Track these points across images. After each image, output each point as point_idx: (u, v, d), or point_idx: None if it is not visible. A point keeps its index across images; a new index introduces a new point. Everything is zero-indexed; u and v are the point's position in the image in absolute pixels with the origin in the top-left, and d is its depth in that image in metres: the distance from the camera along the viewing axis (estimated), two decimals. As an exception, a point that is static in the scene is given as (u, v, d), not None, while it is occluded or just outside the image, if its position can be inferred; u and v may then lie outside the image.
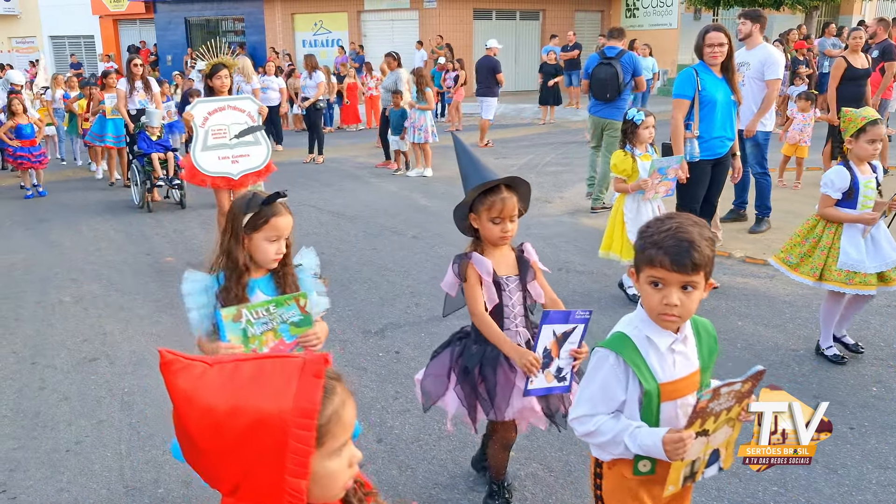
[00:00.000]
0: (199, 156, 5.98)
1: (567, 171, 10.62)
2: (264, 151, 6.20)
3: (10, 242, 7.53)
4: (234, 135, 6.02)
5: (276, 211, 2.36)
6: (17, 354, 4.61)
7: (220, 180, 6.05)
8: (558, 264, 6.08)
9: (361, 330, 4.84)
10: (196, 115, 5.95)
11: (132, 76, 9.55)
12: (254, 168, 6.17)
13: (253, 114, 6.14)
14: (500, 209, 2.53)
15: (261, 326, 2.23)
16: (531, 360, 2.45)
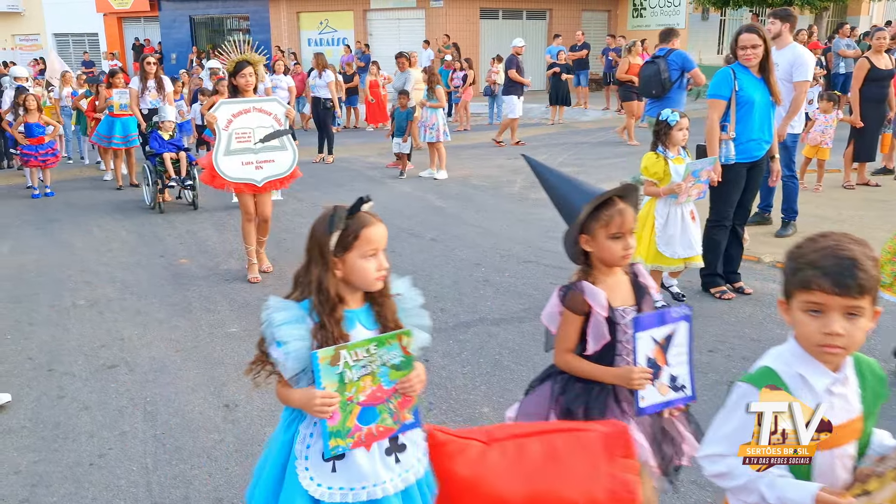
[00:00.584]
0: (221, 160, 5.60)
1: (582, 173, 10.46)
2: (290, 157, 5.81)
3: (20, 243, 7.39)
4: (259, 139, 5.65)
5: (365, 221, 2.00)
6: (33, 361, 4.47)
7: (242, 185, 5.71)
8: (584, 269, 5.93)
9: (387, 336, 4.70)
10: (219, 117, 5.55)
11: (145, 75, 9.35)
12: (279, 174, 5.77)
13: (280, 117, 5.74)
14: (620, 223, 2.21)
15: (359, 370, 1.92)
16: (639, 374, 2.12)
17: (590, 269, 2.33)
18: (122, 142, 10.05)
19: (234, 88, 5.64)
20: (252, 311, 5.22)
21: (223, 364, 4.35)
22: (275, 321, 1.97)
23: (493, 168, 11.19)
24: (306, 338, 1.94)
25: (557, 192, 2.39)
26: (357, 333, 2.00)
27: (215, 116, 5.54)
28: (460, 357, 4.34)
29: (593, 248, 2.28)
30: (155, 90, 9.32)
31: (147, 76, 9.37)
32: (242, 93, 5.62)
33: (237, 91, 5.63)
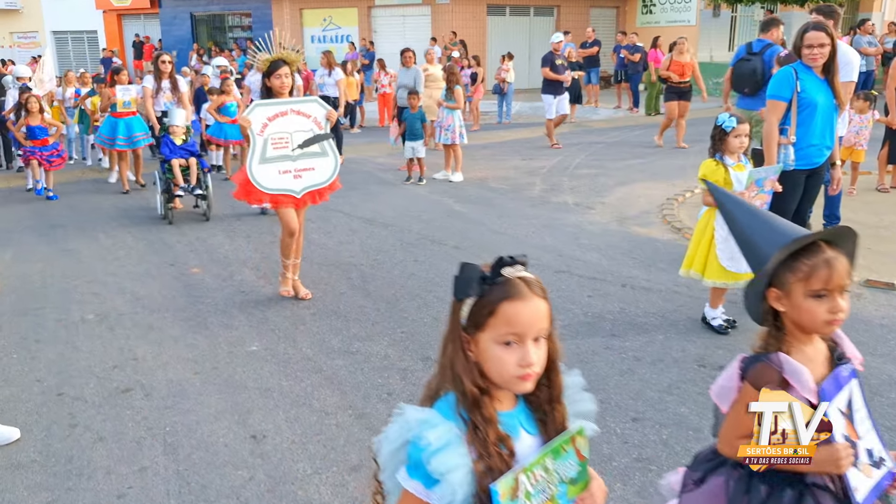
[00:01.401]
0: (256, 169, 4.98)
1: (602, 174, 10.16)
2: (331, 165, 5.22)
3: (23, 250, 7.07)
4: (297, 145, 5.05)
5: (508, 292, 1.43)
6: (41, 383, 4.16)
7: (280, 197, 5.12)
8: (620, 279, 5.62)
9: (420, 356, 4.39)
10: (253, 121, 4.94)
11: (160, 74, 8.84)
12: (319, 184, 5.20)
13: (320, 119, 5.13)
14: (827, 277, 1.72)
15: (540, 496, 1.41)
16: (844, 451, 1.70)
17: (781, 334, 1.82)
18: (126, 143, 9.65)
19: (267, 90, 5.07)
20: (272, 327, 4.91)
21: (246, 388, 4.03)
22: (429, 444, 1.38)
23: (509, 169, 10.87)
24: (467, 458, 1.39)
25: (743, 230, 1.90)
26: (523, 447, 1.45)
27: (249, 120, 4.95)
28: (502, 380, 4.02)
29: (786, 308, 1.80)
30: (170, 91, 8.81)
31: (162, 76, 8.85)
32: (277, 95, 5.05)
33: (271, 93, 5.06)
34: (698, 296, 5.19)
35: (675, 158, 11.24)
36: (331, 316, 5.09)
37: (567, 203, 8.44)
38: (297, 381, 4.09)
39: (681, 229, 7.00)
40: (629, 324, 4.75)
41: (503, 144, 13.76)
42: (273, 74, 4.99)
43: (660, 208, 8.01)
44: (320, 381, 4.09)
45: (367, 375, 4.15)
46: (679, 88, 11.96)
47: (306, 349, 4.54)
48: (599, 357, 4.26)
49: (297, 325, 4.94)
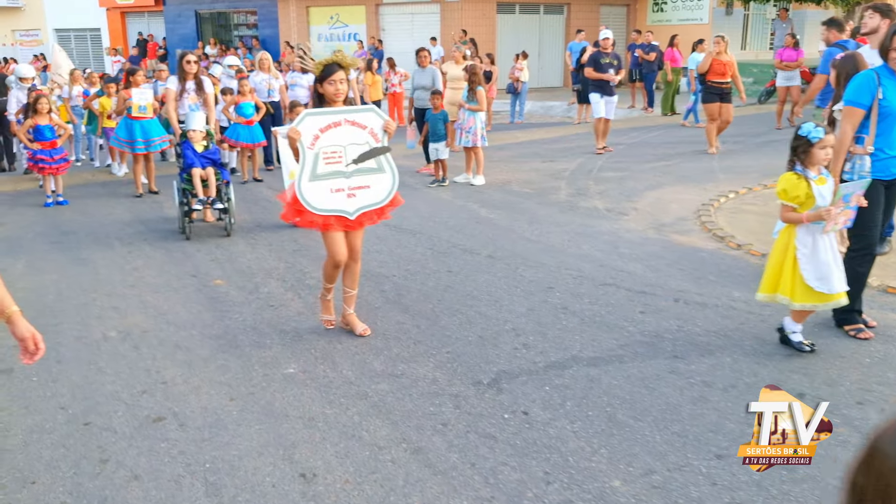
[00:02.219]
0: (306, 188, 4.36)
1: (628, 178, 9.85)
2: (389, 182, 4.60)
3: (36, 259, 6.77)
4: (351, 159, 4.45)
5: None
6: (66, 411, 3.86)
7: (332, 219, 4.47)
8: (672, 294, 5.32)
9: (471, 380, 4.08)
10: (304, 133, 4.32)
11: (184, 75, 8.24)
12: (375, 204, 4.57)
13: (377, 131, 4.50)
14: None
15: None
16: None
17: None
18: (144, 147, 9.28)
19: (319, 98, 4.49)
20: (307, 346, 4.61)
21: (288, 417, 3.73)
22: None
23: (530, 172, 10.57)
24: None
25: None
26: None
27: (298, 132, 4.31)
28: (564, 409, 3.73)
29: None
30: (194, 92, 8.25)
31: (186, 76, 8.26)
32: (330, 103, 4.46)
33: (322, 101, 4.47)
34: (758, 312, 4.90)
35: (701, 161, 10.93)
36: (370, 335, 4.78)
37: (598, 209, 8.13)
38: (342, 410, 3.79)
39: (724, 238, 6.70)
40: (691, 344, 4.45)
41: (520, 146, 13.45)
42: (327, 80, 4.39)
43: (696, 214, 7.71)
44: (367, 409, 3.79)
45: (416, 402, 3.84)
46: (720, 89, 11.35)
47: (347, 371, 4.24)
48: (665, 382, 3.96)
49: (334, 345, 4.64)
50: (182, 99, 8.22)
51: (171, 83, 8.31)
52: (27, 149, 9.04)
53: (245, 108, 9.96)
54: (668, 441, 3.39)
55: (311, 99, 4.62)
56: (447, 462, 3.29)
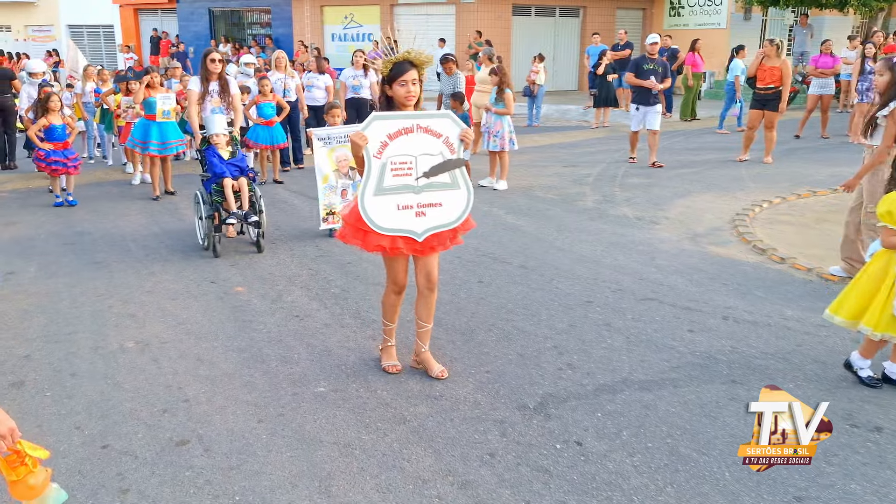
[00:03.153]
0: (370, 203, 3.76)
1: (654, 185, 9.56)
2: (464, 200, 3.94)
3: (49, 261, 6.51)
4: (422, 172, 3.83)
5: None
6: (81, 431, 3.59)
7: (399, 241, 3.85)
8: (720, 311, 5.03)
9: (516, 404, 3.80)
10: (371, 139, 3.72)
11: (208, 75, 7.54)
12: (446, 225, 3.90)
13: (452, 140, 3.86)
14: None
15: None
16: None
17: None
18: (159, 148, 9.00)
19: (387, 100, 3.90)
20: (337, 362, 4.34)
21: (321, 443, 3.46)
22: None
23: (552, 177, 10.29)
24: None
25: None
26: None
27: (365, 137, 3.70)
28: (620, 439, 3.44)
29: None
30: (218, 94, 7.55)
31: (210, 77, 7.57)
32: (401, 107, 3.88)
33: (391, 104, 3.89)
34: (814, 332, 4.61)
35: (727, 168, 10.65)
36: (401, 349, 4.50)
37: (627, 217, 7.85)
38: (380, 435, 3.51)
39: (765, 250, 6.41)
40: (747, 367, 4.16)
41: (540, 149, 13.18)
42: (397, 80, 3.80)
43: (731, 224, 7.42)
44: (406, 435, 3.51)
45: (459, 429, 3.57)
46: (763, 96, 10.78)
47: (382, 391, 3.97)
48: (727, 411, 3.67)
49: (366, 360, 4.37)
50: (205, 102, 7.56)
51: (194, 84, 7.62)
52: (38, 149, 8.71)
53: (265, 109, 9.70)
54: (739, 479, 3.11)
55: (379, 102, 4.00)
56: (499, 499, 3.01)
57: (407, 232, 3.82)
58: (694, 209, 8.17)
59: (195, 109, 7.45)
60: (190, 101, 7.54)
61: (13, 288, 5.80)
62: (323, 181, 6.96)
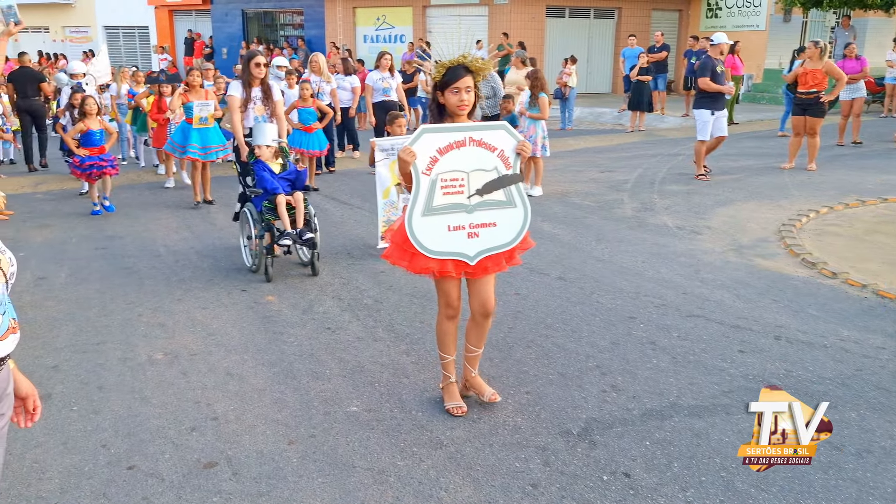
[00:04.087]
0: (418, 224, 3.44)
1: (694, 192, 9.28)
2: (520, 219, 3.58)
3: (79, 266, 6.45)
4: (475, 190, 3.49)
5: None
6: (108, 450, 3.47)
7: (450, 264, 3.52)
8: (771, 330, 4.78)
9: (558, 429, 3.61)
10: (419, 154, 3.38)
11: (250, 79, 6.85)
12: (501, 247, 3.57)
13: (508, 154, 3.49)
14: None
15: None
16: None
17: None
18: (199, 152, 8.75)
19: (439, 109, 3.55)
20: (370, 380, 4.18)
21: (354, 468, 3.29)
22: None
23: (588, 183, 10.06)
24: None
25: None
26: None
27: (414, 153, 3.36)
28: (671, 471, 3.23)
29: None
30: (261, 101, 6.89)
31: (252, 82, 6.88)
32: (453, 116, 3.53)
33: (443, 113, 3.55)
34: (874, 356, 4.35)
35: (770, 175, 10.32)
36: (436, 365, 4.32)
37: (667, 226, 7.59)
38: (416, 461, 3.34)
39: (815, 264, 6.12)
40: (804, 393, 3.92)
41: (574, 154, 12.95)
42: (450, 87, 3.45)
43: (778, 235, 7.13)
44: (444, 462, 3.34)
45: (499, 456, 3.38)
46: (804, 101, 10.38)
47: (416, 412, 3.80)
48: (785, 441, 3.44)
49: (400, 378, 4.20)
50: (248, 109, 6.87)
51: (235, 90, 6.90)
52: (74, 155, 8.45)
53: (305, 114, 9.48)
54: (802, 520, 2.88)
55: (430, 111, 3.64)
56: (544, 536, 2.82)
57: (458, 255, 3.51)
58: (737, 219, 7.89)
59: (238, 117, 6.80)
60: (232, 108, 6.85)
61: (44, 294, 5.74)
62: (384, 195, 6.61)
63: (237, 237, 6.77)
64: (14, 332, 1.96)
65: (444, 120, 3.54)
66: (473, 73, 3.45)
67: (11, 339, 1.95)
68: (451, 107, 3.48)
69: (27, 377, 2.18)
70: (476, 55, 3.53)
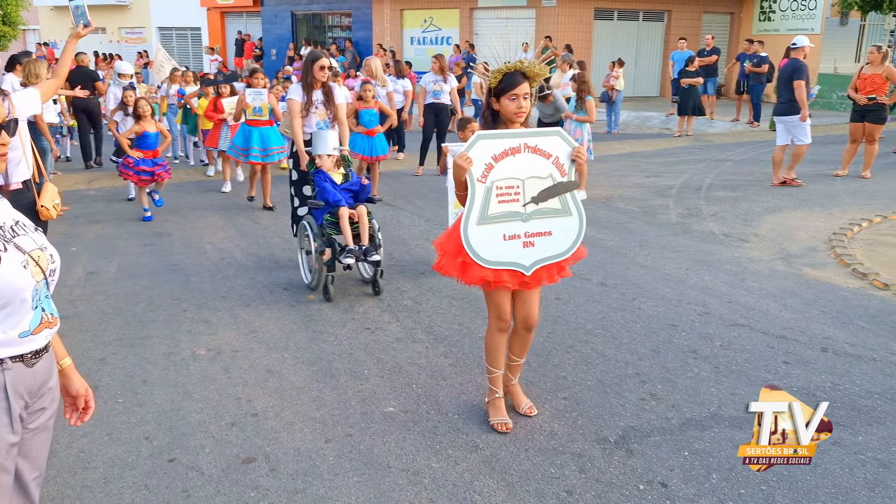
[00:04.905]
0: (473, 233, 3.32)
1: (743, 199, 9.11)
2: (575, 227, 3.50)
3: (128, 262, 6.62)
4: (531, 198, 3.39)
5: None
6: (150, 443, 3.55)
7: (505, 275, 3.40)
8: (817, 341, 4.66)
9: (595, 436, 3.57)
10: (475, 160, 3.27)
11: (313, 82, 6.38)
12: (556, 256, 3.48)
13: (563, 161, 3.39)
14: None
15: None
16: None
17: None
18: (260, 155, 8.48)
19: (493, 115, 3.45)
20: (408, 381, 4.19)
21: (389, 469, 3.31)
22: None
23: (633, 188, 9.94)
24: None
25: None
26: None
27: (470, 159, 3.25)
28: (709, 483, 3.17)
29: None
30: (323, 105, 6.46)
31: (314, 85, 6.40)
32: (508, 123, 3.42)
33: (497, 120, 3.44)
34: (927, 371, 4.21)
35: (822, 182, 10.06)
36: (474, 368, 4.34)
37: (713, 233, 7.46)
38: (451, 464, 3.34)
39: (866, 275, 5.96)
40: (851, 407, 3.81)
41: (619, 158, 12.82)
42: (507, 93, 3.34)
43: (828, 244, 6.95)
44: (478, 465, 3.33)
45: (534, 461, 3.36)
46: (863, 106, 10.08)
47: (453, 415, 3.80)
48: (829, 457, 3.35)
49: (437, 380, 4.21)
50: (310, 115, 6.42)
51: (295, 93, 6.45)
52: (127, 156, 8.17)
53: (366, 117, 9.01)
54: (845, 538, 2.81)
55: (483, 118, 3.51)
56: (577, 544, 2.80)
57: (514, 265, 3.40)
58: (786, 227, 7.71)
59: (299, 122, 6.35)
60: (292, 113, 6.39)
61: (94, 288, 5.90)
62: (455, 206, 6.20)
63: (280, 235, 6.87)
64: (50, 327, 2.00)
65: (498, 126, 3.44)
66: (530, 80, 3.35)
67: (45, 334, 1.99)
68: (508, 114, 3.37)
69: (78, 371, 2.25)
70: (531, 59, 3.42)
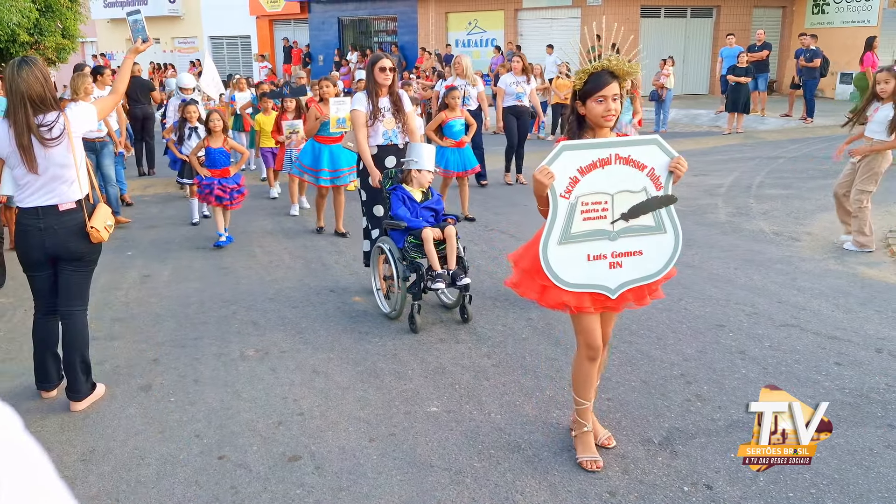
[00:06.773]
0: (554, 254, 3.01)
1: (795, 197, 8.90)
2: (670, 245, 3.13)
3: (181, 266, 6.81)
4: (620, 214, 3.05)
5: None
6: (200, 440, 3.66)
7: (587, 298, 3.09)
8: (870, 342, 4.54)
9: (639, 437, 3.55)
10: (558, 174, 2.94)
11: (377, 89, 5.70)
12: (647, 278, 3.14)
13: (659, 172, 3.03)
14: None
15: None
16: None
17: None
18: (330, 177, 7.52)
19: (579, 120, 3.09)
20: (451, 381, 4.22)
21: (432, 468, 3.35)
22: None
23: (681, 187, 9.78)
24: None
25: None
26: None
27: (552, 174, 2.92)
28: (756, 485, 3.12)
29: None
30: (391, 114, 5.76)
31: (380, 91, 5.72)
32: (596, 129, 3.07)
33: (583, 126, 3.09)
34: None
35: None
36: (517, 369, 4.34)
37: (763, 232, 7.32)
38: (493, 463, 3.36)
39: (925, 273, 5.78)
40: (906, 410, 3.71)
41: (667, 157, 12.63)
42: (593, 95, 2.98)
43: (884, 243, 6.76)
44: (520, 465, 3.34)
45: (576, 461, 3.35)
46: None
47: (495, 415, 3.82)
48: (882, 460, 3.27)
49: (480, 380, 4.23)
50: (376, 125, 5.74)
51: (360, 103, 5.72)
52: (197, 177, 7.53)
53: (454, 127, 8.09)
54: (898, 543, 2.74)
55: (567, 124, 3.16)
56: (619, 545, 2.79)
57: (598, 288, 3.08)
58: (840, 225, 7.50)
59: (364, 134, 5.69)
60: (357, 125, 5.70)
61: (148, 291, 6.09)
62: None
63: (326, 238, 6.98)
64: None
65: (585, 133, 3.09)
66: (619, 79, 2.99)
67: None
68: (595, 118, 3.01)
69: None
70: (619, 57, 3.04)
